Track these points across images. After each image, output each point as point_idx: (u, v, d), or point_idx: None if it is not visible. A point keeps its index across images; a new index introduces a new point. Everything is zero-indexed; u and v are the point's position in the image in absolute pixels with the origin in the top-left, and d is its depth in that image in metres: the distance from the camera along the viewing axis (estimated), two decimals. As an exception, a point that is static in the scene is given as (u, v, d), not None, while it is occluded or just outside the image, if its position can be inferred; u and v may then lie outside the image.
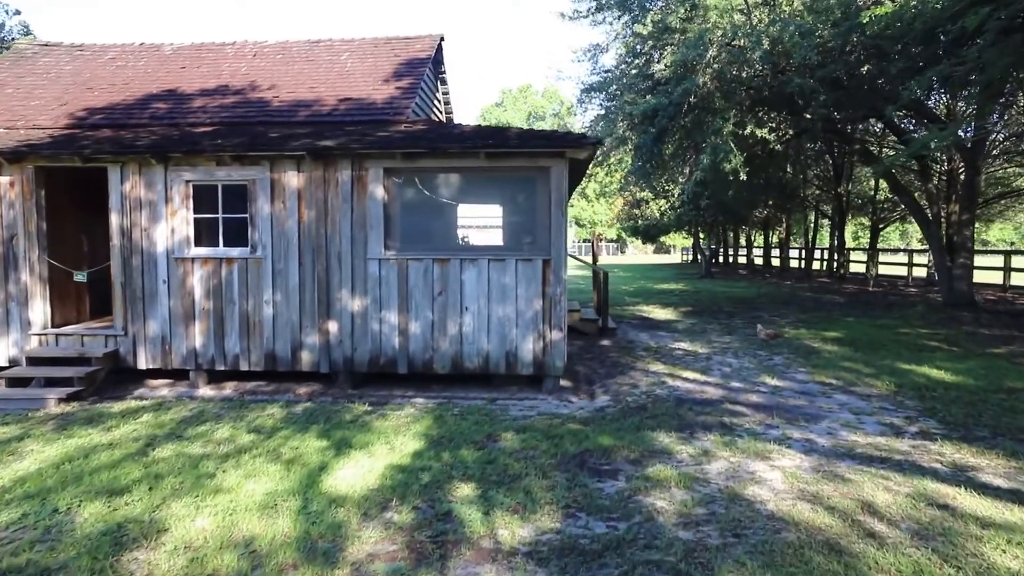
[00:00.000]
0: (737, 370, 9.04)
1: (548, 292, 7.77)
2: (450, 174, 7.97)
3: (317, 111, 10.24)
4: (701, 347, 10.97)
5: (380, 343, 7.99)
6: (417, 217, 8.10)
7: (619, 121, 14.02)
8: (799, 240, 38.13)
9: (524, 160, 7.67)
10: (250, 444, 5.93)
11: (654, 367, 9.27)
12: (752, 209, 31.54)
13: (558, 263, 7.70)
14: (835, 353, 10.11)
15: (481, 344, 7.89)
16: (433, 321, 7.92)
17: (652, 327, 13.63)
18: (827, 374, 8.65)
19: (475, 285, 7.85)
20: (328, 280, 8.01)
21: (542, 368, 7.86)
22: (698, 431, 6.23)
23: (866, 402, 7.28)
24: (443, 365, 7.95)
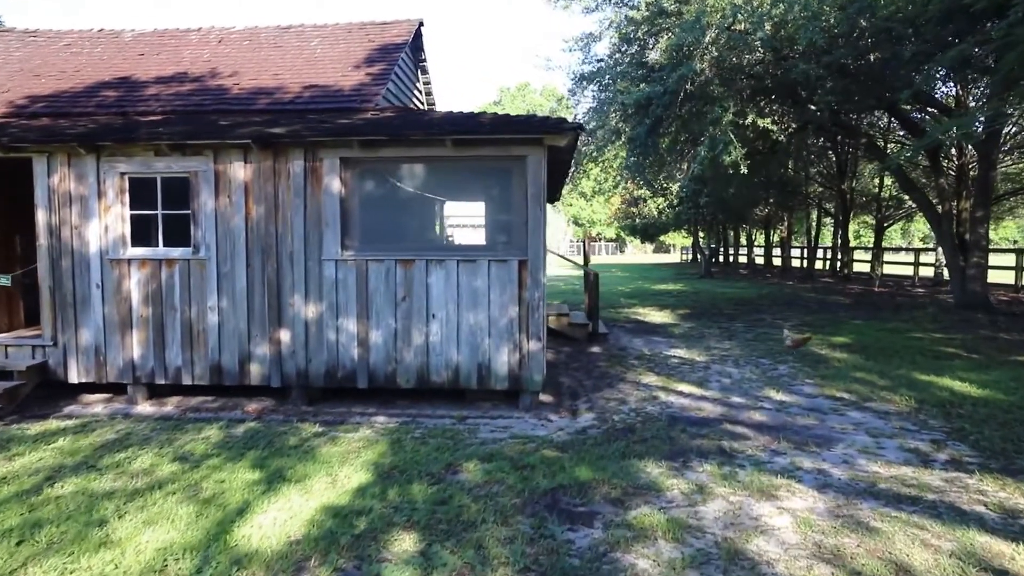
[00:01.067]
0: (738, 382, 8.18)
1: (525, 297, 6.91)
2: (415, 165, 7.11)
3: (279, 99, 9.38)
4: (698, 354, 10.10)
5: (337, 354, 7.13)
6: (379, 213, 7.24)
7: (611, 112, 13.16)
8: (801, 239, 37.29)
9: (497, 148, 6.81)
10: (169, 477, 5.07)
11: (646, 378, 8.40)
12: (753, 207, 30.67)
13: (536, 264, 6.84)
14: (845, 361, 9.24)
15: (450, 355, 7.03)
16: (396, 330, 7.06)
17: (647, 331, 12.77)
18: (838, 386, 7.78)
19: (443, 289, 6.99)
20: (279, 284, 7.15)
21: (518, 383, 6.99)
22: (693, 459, 5.37)
23: (884, 421, 6.41)
24: (407, 379, 7.09)
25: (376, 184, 7.23)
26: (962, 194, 17.09)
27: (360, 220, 7.17)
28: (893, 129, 23.57)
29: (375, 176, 7.22)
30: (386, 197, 7.22)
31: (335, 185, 7.01)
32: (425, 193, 7.19)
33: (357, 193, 7.14)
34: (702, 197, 27.41)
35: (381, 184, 7.23)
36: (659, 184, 29.32)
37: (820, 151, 27.47)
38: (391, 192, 7.20)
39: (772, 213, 32.74)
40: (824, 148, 26.94)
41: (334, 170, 7.01)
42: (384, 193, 7.22)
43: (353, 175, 7.11)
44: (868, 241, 45.86)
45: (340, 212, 7.03)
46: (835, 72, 11.23)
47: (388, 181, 7.20)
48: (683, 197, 29.06)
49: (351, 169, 7.09)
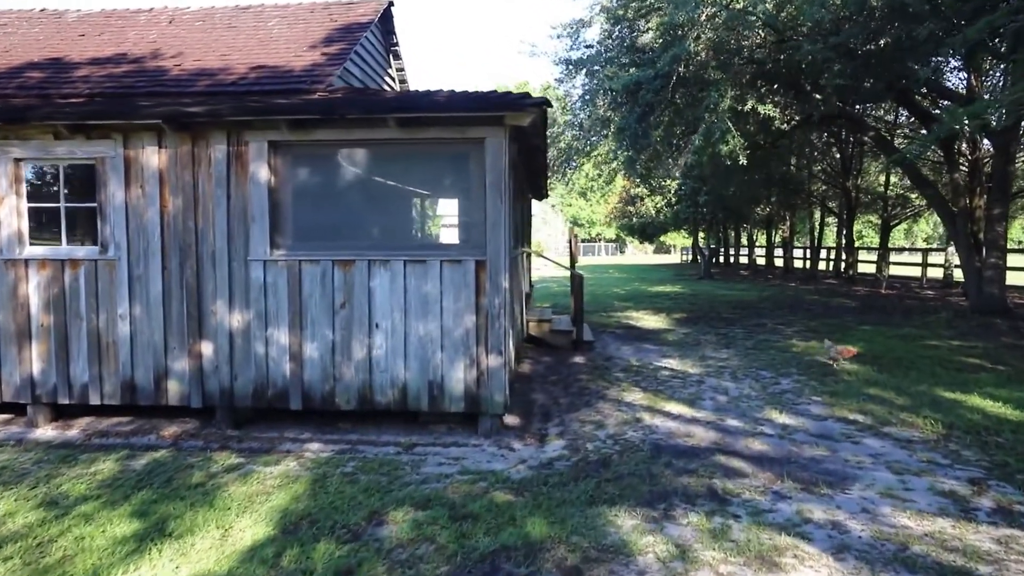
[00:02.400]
0: (735, 400, 7.15)
1: (483, 304, 5.89)
2: (356, 150, 6.09)
3: (220, 80, 8.35)
4: (692, 365, 9.07)
5: (267, 370, 6.12)
6: (315, 207, 6.23)
7: (599, 100, 12.14)
8: (803, 239, 36.25)
9: (450, 129, 5.80)
10: (21, 531, 4.06)
11: (631, 395, 7.37)
12: (754, 205, 29.62)
13: (496, 265, 5.82)
14: (856, 374, 8.21)
15: (396, 372, 6.01)
16: (334, 342, 6.04)
17: (638, 338, 11.74)
18: (850, 406, 6.76)
19: (388, 295, 5.97)
20: (200, 288, 6.14)
21: (476, 404, 5.97)
22: (677, 505, 4.35)
23: (908, 451, 5.38)
24: (348, 399, 6.07)
25: (312, 173, 6.22)
26: (976, 190, 16.03)
27: (293, 214, 6.16)
28: (901, 124, 22.54)
29: (310, 163, 6.21)
30: (323, 187, 6.20)
31: (263, 173, 6.00)
32: (369, 183, 6.16)
33: (290, 183, 6.13)
34: (701, 195, 26.39)
35: (318, 173, 6.22)
36: (656, 181, 28.31)
37: (824, 148, 26.44)
38: (329, 182, 6.19)
39: (774, 212, 31.70)
40: (828, 144, 25.91)
41: (262, 156, 6.00)
42: (321, 183, 6.21)
43: (284, 162, 6.10)
44: (871, 241, 44.81)
45: (269, 205, 6.02)
46: (843, 55, 10.20)
47: (326, 169, 6.19)
48: (681, 195, 28.02)
49: (282, 155, 6.08)
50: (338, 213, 6.20)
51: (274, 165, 6.06)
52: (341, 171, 6.15)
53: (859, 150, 25.43)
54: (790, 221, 31.95)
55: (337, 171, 6.15)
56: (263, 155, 5.98)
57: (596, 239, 79.88)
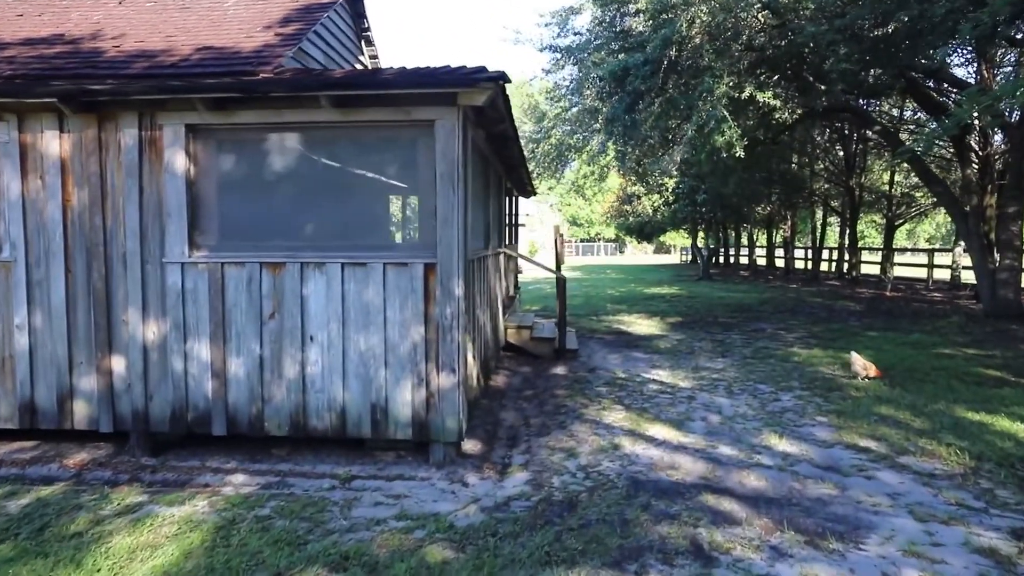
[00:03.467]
0: (729, 420, 6.31)
1: (433, 314, 5.06)
2: (287, 135, 5.26)
3: (160, 62, 7.50)
4: (684, 378, 8.23)
5: (186, 390, 5.29)
6: (241, 201, 5.39)
7: (586, 88, 11.30)
8: (805, 239, 35.40)
9: (393, 111, 4.96)
10: None
11: (611, 415, 6.53)
12: (754, 204, 28.76)
13: (449, 268, 4.98)
14: (865, 389, 7.37)
15: (334, 393, 5.18)
16: (262, 357, 5.21)
17: (628, 345, 10.90)
18: (860, 429, 5.92)
19: (323, 303, 5.14)
20: (110, 295, 5.31)
21: (425, 430, 5.14)
22: (651, 567, 3.51)
23: (931, 489, 4.55)
24: (278, 423, 5.24)
25: (237, 162, 5.39)
26: (987, 188, 15.18)
27: (217, 210, 5.33)
28: (907, 120, 21.71)
29: (236, 151, 5.38)
30: (252, 180, 5.37)
31: (180, 162, 5.16)
32: (303, 174, 5.32)
33: (212, 174, 5.30)
34: (699, 194, 25.54)
35: (244, 162, 5.38)
36: (653, 179, 27.48)
37: (827, 145, 25.61)
38: (258, 173, 5.35)
39: (775, 211, 30.84)
40: (832, 141, 25.09)
41: (178, 142, 5.16)
42: (249, 174, 5.37)
43: (205, 149, 5.27)
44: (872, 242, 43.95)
45: (188, 199, 5.19)
46: (849, 38, 9.36)
47: (254, 158, 5.35)
48: (679, 193, 27.16)
49: (202, 141, 5.25)
50: (268, 209, 5.37)
51: (193, 153, 5.22)
52: (271, 160, 5.31)
53: (863, 147, 24.60)
54: (791, 221, 31.08)
55: (266, 160, 5.32)
56: (180, 141, 5.15)
57: (595, 239, 79.01)
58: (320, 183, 5.27)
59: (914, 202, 26.47)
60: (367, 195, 5.24)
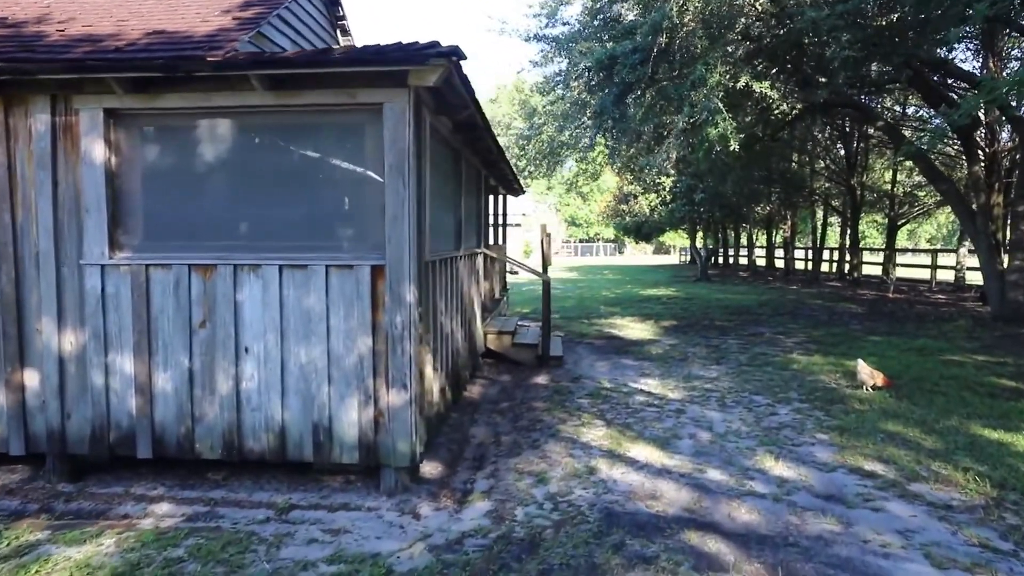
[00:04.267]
0: (720, 438, 5.72)
1: (381, 323, 4.47)
2: (220, 121, 4.67)
3: (104, 47, 6.92)
4: (674, 388, 7.65)
5: (108, 407, 4.70)
6: (169, 196, 4.80)
7: (573, 80, 10.70)
8: (805, 239, 34.80)
9: (336, 93, 4.38)
10: None
11: (591, 432, 5.94)
12: (753, 204, 28.14)
13: (399, 272, 4.39)
14: (869, 402, 6.78)
15: (272, 411, 4.59)
16: (192, 371, 4.62)
17: (618, 351, 10.31)
18: (865, 448, 5.33)
19: (260, 310, 4.55)
20: (20, 301, 4.73)
21: (373, 454, 4.55)
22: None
23: (949, 526, 3.96)
24: (211, 444, 4.65)
25: (164, 152, 4.79)
26: (994, 187, 14.59)
27: (142, 206, 4.74)
28: (910, 117, 21.13)
29: (163, 140, 4.80)
30: (181, 172, 4.77)
31: (98, 151, 4.58)
32: (238, 165, 4.73)
33: (136, 165, 4.71)
34: (697, 193, 24.94)
35: (172, 152, 4.79)
36: (650, 178, 26.90)
37: (828, 142, 25.02)
38: (187, 164, 4.75)
39: (774, 211, 30.24)
40: (832, 138, 24.50)
41: (96, 128, 4.58)
42: (177, 166, 4.77)
43: (128, 137, 4.68)
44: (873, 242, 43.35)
45: (109, 193, 4.61)
46: (851, 25, 8.75)
47: (183, 148, 4.76)
48: (676, 193, 26.57)
49: (124, 128, 4.66)
50: (199, 204, 4.77)
51: (114, 141, 4.64)
52: (202, 150, 4.72)
53: (865, 145, 24.02)
54: (791, 220, 30.48)
55: (197, 150, 4.72)
56: (98, 127, 4.56)
57: (594, 239, 78.42)
58: (257, 176, 4.68)
59: (917, 201, 25.87)
60: (309, 189, 4.65)
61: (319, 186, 4.65)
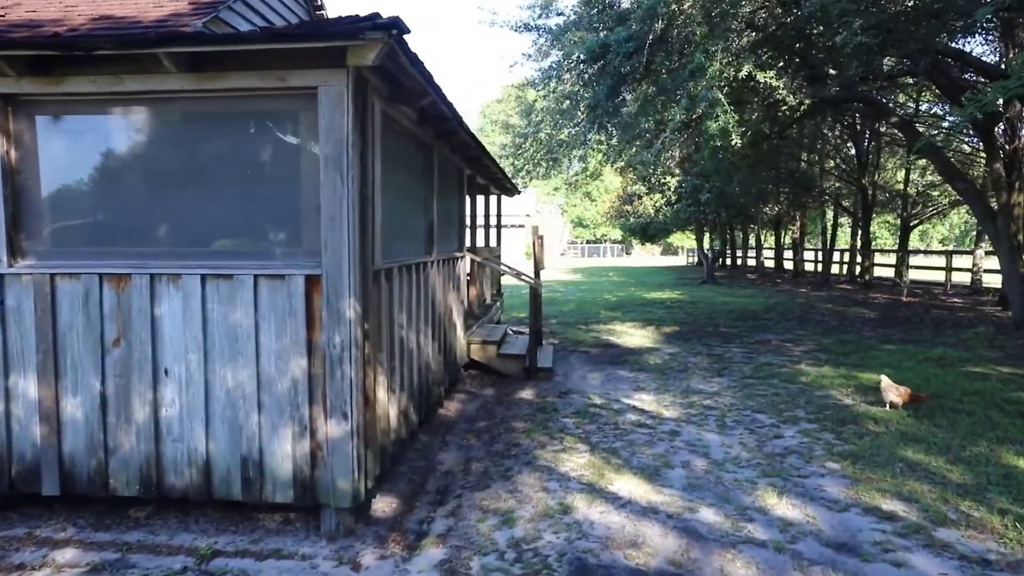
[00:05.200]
0: (717, 467, 5.07)
1: (318, 343, 3.86)
2: (134, 109, 4.07)
3: (42, 33, 6.36)
4: (670, 404, 7.00)
5: (8, 436, 4.11)
6: (78, 196, 4.21)
7: (565, 72, 10.06)
8: (815, 240, 33.97)
9: (263, 75, 3.76)
10: None
11: (571, 460, 5.30)
12: (761, 204, 27.39)
13: (337, 284, 3.77)
14: (885, 422, 6.11)
15: (195, 442, 3.98)
16: (105, 396, 4.02)
17: (613, 361, 9.67)
18: (882, 482, 4.67)
19: (180, 326, 3.95)
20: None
21: (311, 492, 3.93)
22: None
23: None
24: (127, 480, 4.05)
25: (72, 144, 4.19)
26: (1014, 185, 13.83)
27: (48, 207, 4.15)
28: (924, 113, 20.34)
29: (69, 130, 4.20)
30: (91, 167, 4.17)
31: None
32: (156, 160, 4.13)
33: (39, 159, 4.11)
34: (703, 193, 24.23)
35: (81, 144, 4.19)
36: (656, 178, 26.21)
37: (838, 141, 24.25)
38: (98, 158, 4.16)
39: (783, 212, 29.46)
40: (843, 137, 23.73)
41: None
42: (87, 160, 4.17)
43: (29, 128, 4.08)
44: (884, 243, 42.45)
45: (7, 192, 4.01)
46: (864, 10, 8.07)
47: (93, 139, 4.16)
48: (682, 193, 25.86)
49: (23, 116, 4.07)
50: (112, 205, 4.17)
51: (13, 132, 4.04)
52: (116, 143, 4.13)
53: (877, 143, 23.25)
54: (800, 221, 29.70)
55: (110, 143, 4.13)
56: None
57: (601, 240, 77.69)
58: (177, 173, 4.08)
59: (931, 201, 25.05)
60: (236, 188, 4.04)
61: (248, 184, 4.04)
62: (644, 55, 8.26)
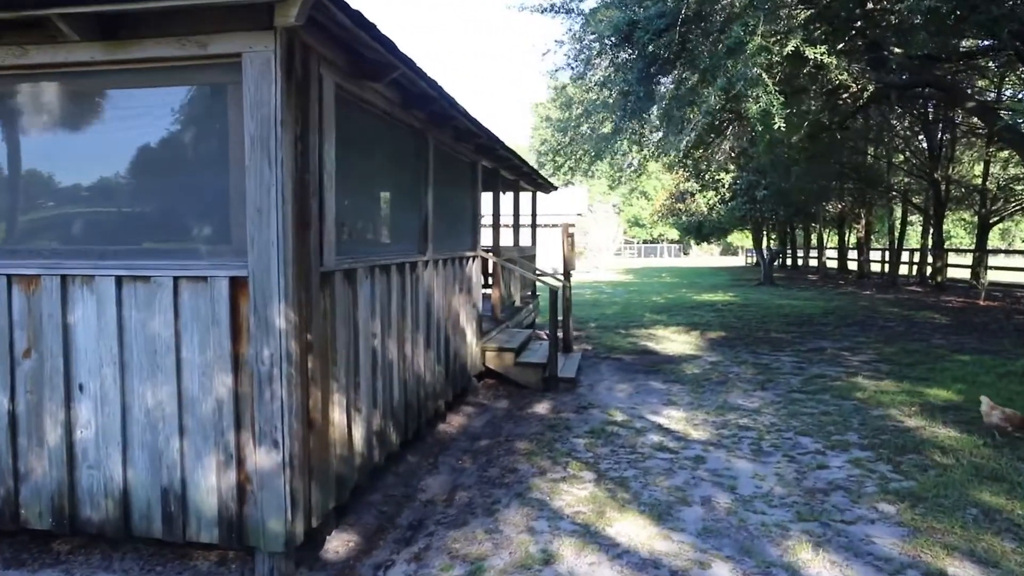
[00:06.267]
0: (744, 505, 4.25)
1: (245, 357, 3.26)
2: (42, 85, 3.54)
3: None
4: (701, 424, 6.17)
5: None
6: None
7: (594, 57, 9.26)
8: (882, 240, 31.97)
9: (181, 43, 3.18)
10: None
11: (570, 492, 4.56)
12: (822, 201, 25.80)
13: (265, 286, 3.16)
14: (955, 451, 5.15)
15: (112, 470, 3.44)
16: (15, 414, 3.53)
17: (647, 369, 8.85)
18: (950, 535, 3.77)
19: (95, 336, 3.41)
20: None
21: (239, 532, 3.34)
22: None
23: None
24: (39, 511, 3.54)
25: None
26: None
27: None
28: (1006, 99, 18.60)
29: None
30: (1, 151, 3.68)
31: (-99, 127, 3.54)
32: (69, 144, 3.61)
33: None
34: (759, 190, 22.93)
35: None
36: (710, 175, 24.98)
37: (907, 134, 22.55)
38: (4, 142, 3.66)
39: (847, 209, 27.73)
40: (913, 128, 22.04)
41: None
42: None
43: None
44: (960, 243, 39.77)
45: (-84, 181, 3.56)
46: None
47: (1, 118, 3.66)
48: (736, 190, 24.57)
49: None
50: (20, 195, 3.67)
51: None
52: (23, 124, 3.62)
53: (951, 134, 21.51)
54: (866, 219, 27.90)
55: (15, 125, 3.62)
56: None
57: (659, 240, 75.91)
58: (92, 159, 3.55)
59: (1014, 196, 23.04)
60: (158, 176, 3.49)
61: (171, 171, 3.48)
62: (677, 33, 7.40)
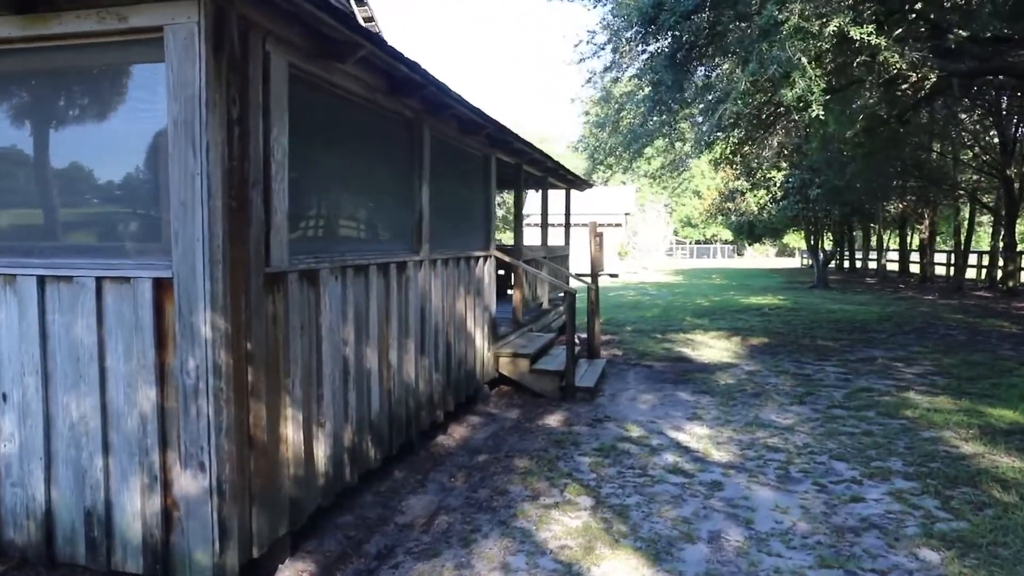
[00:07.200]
0: (758, 543, 3.68)
1: (170, 366, 2.91)
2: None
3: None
4: (725, 442, 5.59)
5: None
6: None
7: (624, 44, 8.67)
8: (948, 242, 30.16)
9: (101, 16, 2.85)
10: None
11: (560, 521, 4.07)
12: (881, 201, 24.41)
13: (190, 288, 2.80)
14: (1018, 484, 4.46)
15: (34, 488, 3.14)
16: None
17: (677, 378, 8.26)
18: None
19: (17, 341, 3.11)
20: None
21: (165, 563, 2.99)
22: None
23: None
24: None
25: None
26: None
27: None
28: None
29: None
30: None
31: None
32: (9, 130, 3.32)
33: None
34: (812, 189, 21.81)
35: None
36: (761, 173, 23.93)
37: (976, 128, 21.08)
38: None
39: (909, 209, 26.20)
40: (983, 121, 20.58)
41: None
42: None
43: None
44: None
45: None
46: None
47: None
48: (788, 188, 23.46)
49: None
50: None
51: None
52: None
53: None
54: (930, 220, 26.31)
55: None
56: None
57: (711, 240, 74.14)
58: (13, 147, 3.25)
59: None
60: (80, 165, 3.17)
61: (94, 160, 3.15)
62: (706, 14, 6.79)
